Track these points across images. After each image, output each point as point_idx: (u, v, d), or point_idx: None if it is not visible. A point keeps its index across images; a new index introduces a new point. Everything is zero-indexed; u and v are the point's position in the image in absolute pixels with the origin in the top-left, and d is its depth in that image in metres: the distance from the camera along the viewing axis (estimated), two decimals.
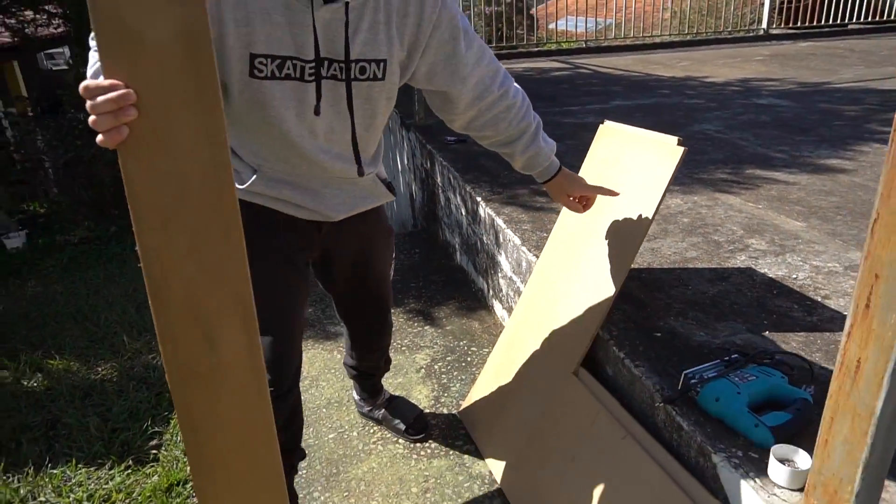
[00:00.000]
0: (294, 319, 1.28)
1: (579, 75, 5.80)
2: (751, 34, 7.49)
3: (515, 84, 1.33)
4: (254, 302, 0.77)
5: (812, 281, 1.77)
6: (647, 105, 4.26)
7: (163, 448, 2.19)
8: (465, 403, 1.93)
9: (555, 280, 1.73)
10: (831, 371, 1.31)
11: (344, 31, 0.97)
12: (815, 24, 7.67)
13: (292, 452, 1.43)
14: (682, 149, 1.46)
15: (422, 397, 2.05)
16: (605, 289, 1.54)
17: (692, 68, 5.78)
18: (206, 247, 0.74)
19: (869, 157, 2.92)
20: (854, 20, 7.74)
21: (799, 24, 7.74)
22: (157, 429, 2.29)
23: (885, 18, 7.89)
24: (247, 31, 0.93)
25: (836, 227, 2.13)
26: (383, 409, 1.90)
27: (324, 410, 2.01)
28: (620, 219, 1.56)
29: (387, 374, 2.05)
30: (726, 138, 3.34)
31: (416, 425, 1.84)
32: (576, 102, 4.45)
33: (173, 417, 2.34)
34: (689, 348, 1.47)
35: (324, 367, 2.28)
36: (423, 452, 1.80)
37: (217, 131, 0.71)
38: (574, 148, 3.18)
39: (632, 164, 1.59)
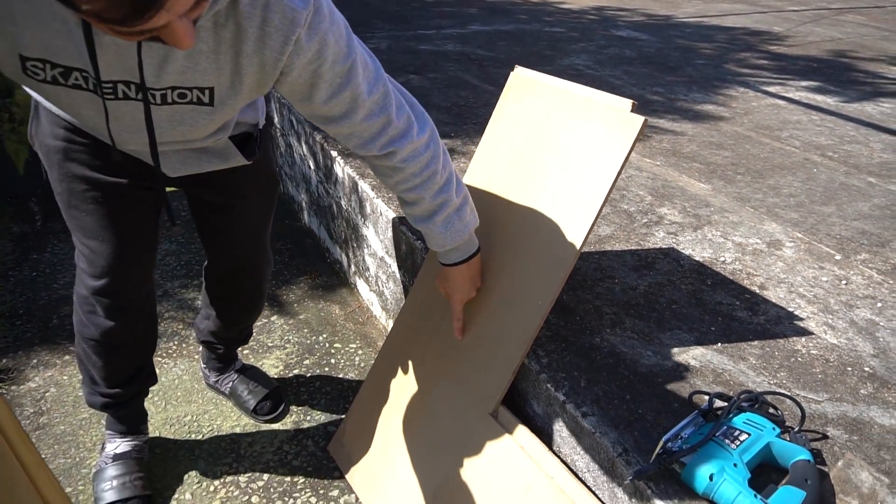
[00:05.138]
0: (121, 228, 1.13)
1: None
2: None
3: (425, 143, 1.05)
4: None
5: (742, 265, 1.53)
6: (508, 32, 3.86)
7: None
8: (337, 436, 1.49)
9: None
10: (812, 403, 1.07)
11: (137, 58, 0.81)
12: None
13: (150, 373, 1.39)
14: (640, 118, 1.06)
15: (277, 426, 1.57)
16: (531, 305, 1.15)
17: None
18: None
19: (739, 103, 2.81)
20: None
21: None
22: None
23: None
24: (13, 31, 0.79)
25: (742, 191, 1.93)
26: (232, 382, 1.62)
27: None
28: (554, 212, 1.16)
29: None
30: (599, 76, 3.06)
31: (266, 404, 1.59)
32: (430, 25, 3.92)
33: None
34: (642, 378, 1.14)
35: None
36: None
37: None
38: (438, 83, 2.71)
39: (567, 137, 1.17)
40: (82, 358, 1.28)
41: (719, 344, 1.24)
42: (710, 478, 0.89)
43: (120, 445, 1.37)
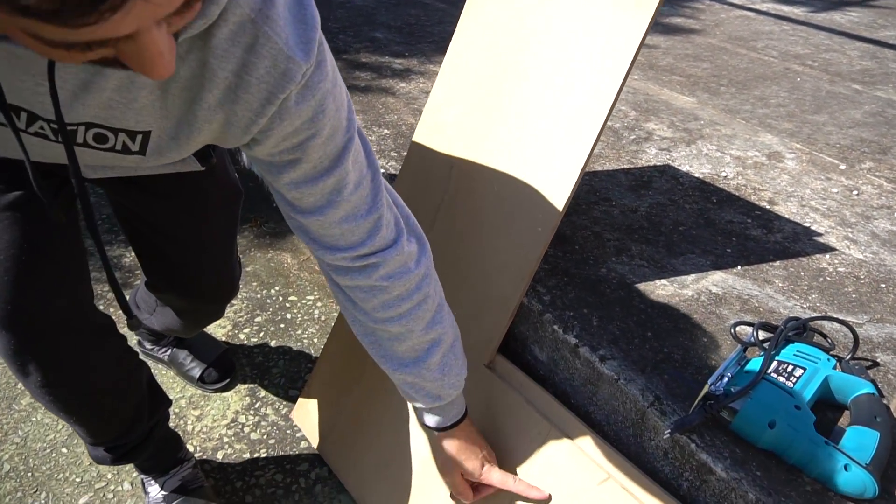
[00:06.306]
0: (21, 252, 0.76)
1: None
2: None
3: (417, 257, 0.76)
4: None
5: (745, 179, 1.37)
6: None
7: None
8: (301, 401, 1.28)
9: (433, 216, 1.09)
10: (853, 327, 0.91)
11: (49, 83, 0.49)
12: None
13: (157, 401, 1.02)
14: None
15: (230, 394, 1.35)
16: (529, 233, 0.95)
17: None
18: None
19: (708, 16, 2.64)
20: None
21: None
22: None
23: None
24: None
25: (728, 103, 1.77)
26: (172, 349, 1.37)
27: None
28: (550, 118, 0.95)
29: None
30: None
31: (214, 371, 1.34)
32: None
33: None
34: (661, 311, 0.97)
35: None
36: (248, 497, 1.14)
37: None
38: (384, 1, 2.42)
39: (559, 24, 0.95)
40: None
41: (739, 267, 1.09)
42: (770, 425, 0.73)
43: (166, 483, 1.08)
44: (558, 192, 0.93)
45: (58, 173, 0.77)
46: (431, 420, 0.83)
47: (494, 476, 0.85)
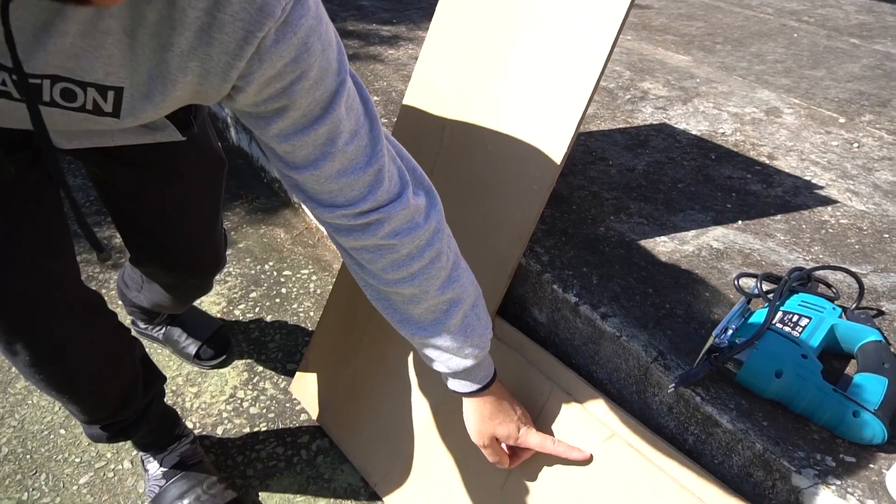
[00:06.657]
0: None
1: None
2: None
3: (426, 210, 0.71)
4: None
5: (744, 135, 1.35)
6: None
7: None
8: (300, 374, 1.27)
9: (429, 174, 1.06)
10: (858, 275, 0.86)
11: (3, 28, 0.47)
12: None
13: (151, 377, 0.99)
14: None
15: (227, 370, 1.33)
16: (525, 192, 0.93)
17: None
18: None
19: None
20: None
21: None
22: None
23: None
24: None
25: (724, 60, 1.73)
26: (166, 326, 1.35)
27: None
28: (543, 74, 0.92)
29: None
30: None
31: (210, 347, 1.32)
32: None
33: None
34: (662, 268, 0.95)
35: None
36: (249, 470, 1.13)
37: None
38: None
39: (541, 4, 0.92)
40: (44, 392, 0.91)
41: (739, 222, 1.07)
42: (777, 375, 0.72)
43: (165, 459, 1.06)
44: (554, 148, 0.90)
45: (31, 145, 0.74)
46: (460, 385, 0.78)
47: (532, 438, 0.81)
